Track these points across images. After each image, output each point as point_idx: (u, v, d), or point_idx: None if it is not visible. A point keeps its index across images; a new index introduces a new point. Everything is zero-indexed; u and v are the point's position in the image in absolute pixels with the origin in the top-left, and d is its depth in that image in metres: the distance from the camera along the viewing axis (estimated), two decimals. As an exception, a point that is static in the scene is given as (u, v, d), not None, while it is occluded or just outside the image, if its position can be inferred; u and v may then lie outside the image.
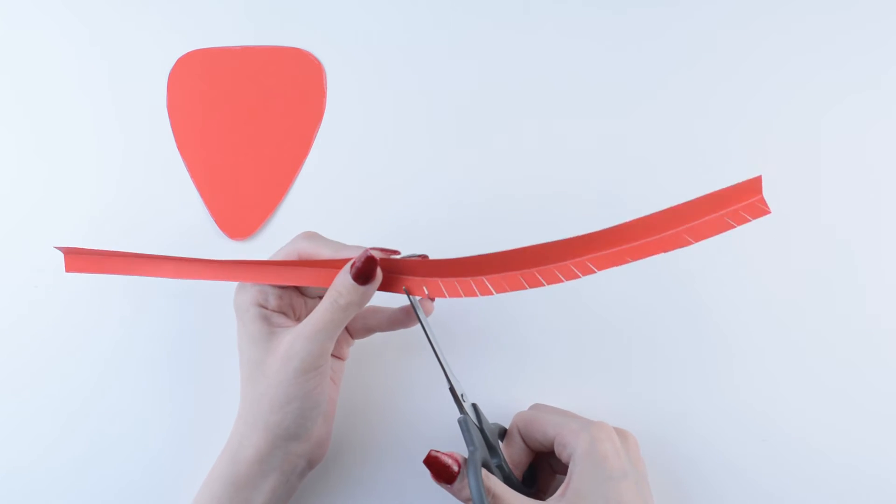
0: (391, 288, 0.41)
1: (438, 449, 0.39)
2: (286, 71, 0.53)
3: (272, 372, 0.39)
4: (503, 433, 0.44)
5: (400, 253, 0.41)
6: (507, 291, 0.38)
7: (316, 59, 0.53)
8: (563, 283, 0.38)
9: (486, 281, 0.39)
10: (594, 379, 0.48)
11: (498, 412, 0.45)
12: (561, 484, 0.39)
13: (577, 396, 0.47)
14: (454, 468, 0.38)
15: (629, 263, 0.37)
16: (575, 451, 0.39)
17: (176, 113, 0.53)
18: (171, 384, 0.49)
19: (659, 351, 0.48)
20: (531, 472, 0.44)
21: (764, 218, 0.37)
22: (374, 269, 0.39)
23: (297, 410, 0.39)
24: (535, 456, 0.43)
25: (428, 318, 0.41)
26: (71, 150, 0.52)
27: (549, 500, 0.39)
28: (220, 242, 0.51)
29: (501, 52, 0.53)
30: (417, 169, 0.51)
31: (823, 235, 0.49)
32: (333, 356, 0.43)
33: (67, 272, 0.44)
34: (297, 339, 0.39)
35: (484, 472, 0.38)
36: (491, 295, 0.39)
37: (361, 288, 0.39)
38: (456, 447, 0.40)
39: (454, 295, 0.39)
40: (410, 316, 0.43)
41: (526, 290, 0.38)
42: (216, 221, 0.51)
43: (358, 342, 0.46)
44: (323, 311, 0.39)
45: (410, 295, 0.41)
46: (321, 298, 0.43)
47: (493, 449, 0.41)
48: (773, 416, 0.47)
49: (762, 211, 0.37)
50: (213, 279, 0.42)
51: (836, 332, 0.48)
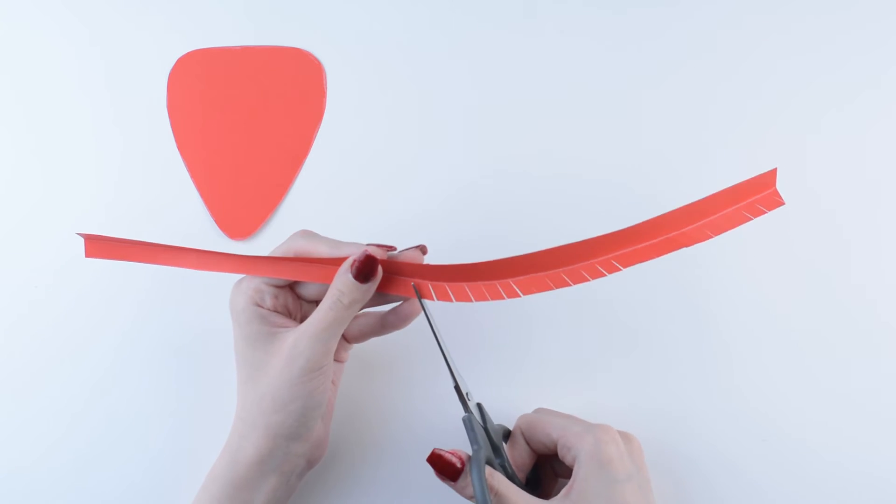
0: (399, 290, 0.41)
1: (441, 448, 0.39)
2: (286, 71, 0.53)
3: (275, 372, 0.39)
4: (507, 435, 0.43)
5: (396, 248, 0.41)
6: (533, 293, 0.38)
7: (316, 59, 0.53)
8: (588, 281, 0.38)
9: (512, 284, 0.39)
10: (595, 381, 0.48)
11: (501, 415, 0.45)
12: (563, 488, 0.39)
13: (578, 399, 0.47)
14: (457, 465, 0.38)
15: (652, 260, 0.37)
16: (579, 453, 0.39)
17: (176, 113, 0.53)
18: (171, 385, 0.49)
19: (659, 352, 0.48)
20: (534, 475, 0.44)
21: (763, 218, 0.37)
22: (374, 267, 0.39)
23: (299, 410, 0.39)
24: (537, 459, 0.43)
25: (424, 319, 0.41)
26: (71, 150, 0.52)
27: (552, 500, 0.39)
28: (220, 242, 0.51)
29: (501, 51, 0.53)
30: (418, 169, 0.51)
31: (823, 236, 0.49)
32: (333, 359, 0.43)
33: (86, 258, 0.43)
34: (301, 338, 0.39)
35: (488, 469, 0.38)
36: (517, 297, 0.39)
37: (363, 286, 0.39)
38: (455, 447, 0.40)
39: (462, 299, 0.39)
40: (401, 318, 0.42)
41: (552, 290, 0.38)
42: (216, 221, 0.51)
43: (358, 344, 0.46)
44: (326, 310, 0.39)
45: (421, 297, 0.40)
46: (317, 302, 0.43)
47: (496, 449, 0.40)
48: (772, 416, 0.47)
49: (777, 203, 0.37)
50: (233, 272, 0.41)
51: (836, 332, 0.48)
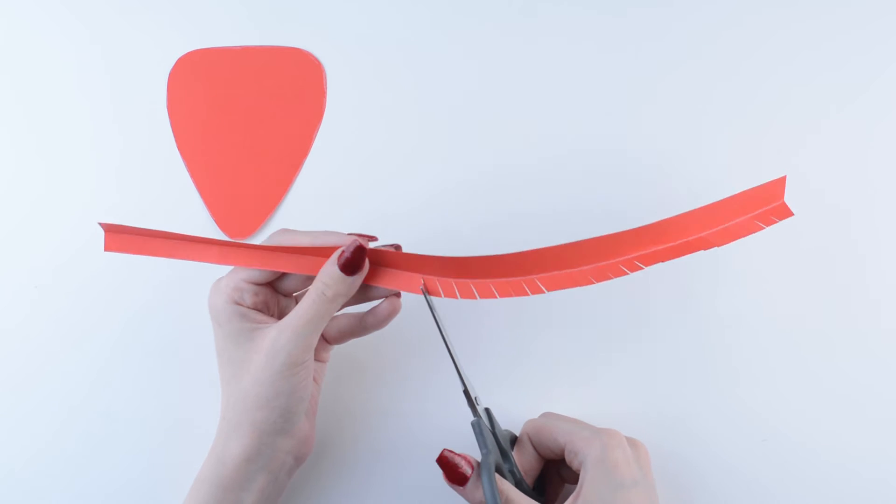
0: (405, 286, 0.41)
1: (451, 448, 0.39)
2: (286, 71, 0.53)
3: (257, 368, 0.39)
4: (513, 441, 0.43)
5: (377, 239, 0.41)
6: (557, 290, 0.39)
7: (316, 59, 0.53)
8: (610, 280, 0.38)
9: (532, 281, 0.39)
10: (596, 383, 0.48)
11: (505, 421, 0.45)
12: (570, 493, 0.39)
13: (580, 403, 0.47)
14: (467, 471, 0.38)
15: (669, 261, 0.38)
16: (586, 458, 0.39)
17: (176, 113, 0.53)
18: (167, 385, 0.49)
19: (662, 354, 0.48)
20: (540, 480, 0.44)
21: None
22: (362, 259, 0.39)
23: (283, 405, 0.39)
24: (545, 464, 0.43)
25: (428, 320, 0.41)
26: (71, 149, 0.52)
27: None
28: (220, 242, 0.51)
29: (501, 52, 0.53)
30: (418, 169, 0.51)
31: (823, 236, 0.49)
32: (314, 358, 0.43)
33: (106, 251, 0.41)
34: (282, 333, 0.39)
35: (497, 475, 0.38)
36: (541, 293, 0.39)
37: (349, 279, 0.39)
38: (450, 446, 0.40)
39: (467, 296, 0.39)
40: (380, 319, 0.42)
41: (576, 288, 0.38)
42: (216, 221, 0.51)
43: (354, 341, 0.45)
44: (309, 303, 0.39)
45: (427, 294, 0.40)
46: (295, 296, 0.43)
47: (505, 454, 0.40)
48: (773, 417, 0.47)
49: (787, 213, 0.37)
50: (257, 267, 0.41)
51: (836, 333, 0.48)
